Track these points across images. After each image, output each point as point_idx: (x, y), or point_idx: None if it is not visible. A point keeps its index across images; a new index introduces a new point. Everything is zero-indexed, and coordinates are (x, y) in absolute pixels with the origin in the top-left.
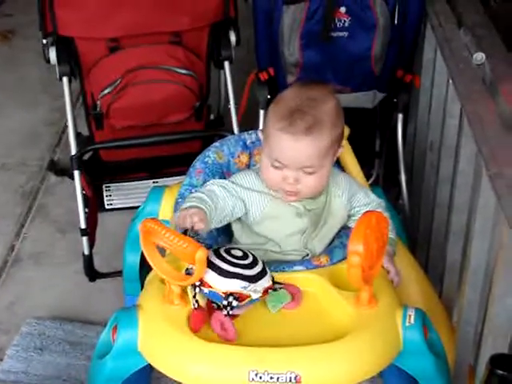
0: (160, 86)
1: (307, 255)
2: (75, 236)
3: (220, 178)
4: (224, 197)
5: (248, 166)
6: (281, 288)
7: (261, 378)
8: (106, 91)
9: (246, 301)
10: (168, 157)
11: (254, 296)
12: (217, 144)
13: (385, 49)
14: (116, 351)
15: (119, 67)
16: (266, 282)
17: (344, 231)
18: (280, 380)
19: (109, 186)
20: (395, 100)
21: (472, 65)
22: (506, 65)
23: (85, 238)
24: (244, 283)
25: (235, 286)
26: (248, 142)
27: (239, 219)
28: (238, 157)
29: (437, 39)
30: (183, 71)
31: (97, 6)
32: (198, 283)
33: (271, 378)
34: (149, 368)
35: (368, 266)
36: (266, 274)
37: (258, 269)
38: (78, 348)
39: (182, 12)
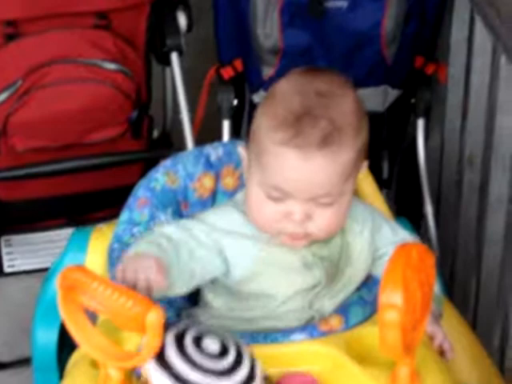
0: (79, 88)
1: (312, 318)
2: None
3: (174, 212)
4: (191, 248)
5: (214, 193)
6: None
7: None
8: (1, 98)
9: None
10: (94, 194)
11: None
12: (167, 163)
13: (399, 25)
14: None
15: (19, 63)
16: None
17: (363, 281)
18: None
19: (9, 240)
20: (413, 101)
21: None
22: None
23: None
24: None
25: None
26: (213, 158)
27: None
28: (199, 180)
29: (474, 3)
30: (112, 66)
31: None
32: None
33: None
34: None
35: (411, 324)
36: (253, 379)
37: (242, 373)
38: None
39: None
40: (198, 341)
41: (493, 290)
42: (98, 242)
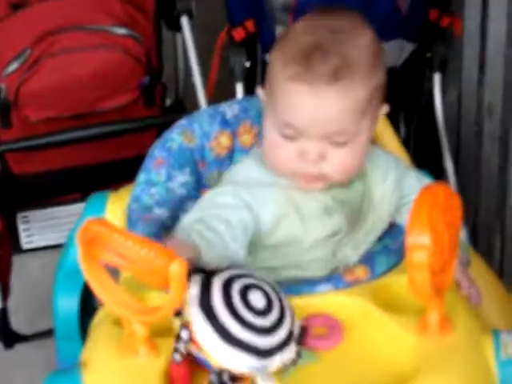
0: (89, 55)
1: (337, 269)
2: None
3: (191, 171)
4: (226, 219)
5: (231, 152)
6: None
7: None
8: (11, 68)
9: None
10: (108, 165)
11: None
12: (183, 122)
13: None
14: None
15: (27, 31)
16: (287, 354)
17: (387, 230)
18: None
19: (26, 217)
20: (428, 55)
21: None
22: None
23: None
24: (254, 362)
25: (241, 363)
26: (229, 116)
27: None
28: (216, 139)
29: None
30: (121, 31)
31: None
32: (184, 336)
33: None
34: None
35: (439, 266)
36: (290, 340)
37: (281, 334)
38: None
39: None
40: (244, 292)
41: None
42: (116, 205)
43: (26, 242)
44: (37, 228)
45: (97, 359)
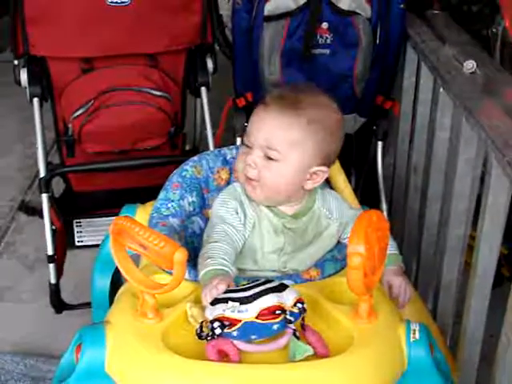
0: (134, 108)
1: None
2: (43, 272)
3: (197, 194)
4: (232, 225)
5: (228, 183)
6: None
7: None
8: (77, 113)
9: (238, 325)
10: (142, 189)
11: (245, 316)
12: (195, 158)
13: (367, 69)
14: (80, 373)
15: (92, 88)
16: (266, 302)
17: (335, 245)
18: None
19: (79, 222)
20: (374, 128)
21: (463, 73)
22: (498, 72)
23: (52, 266)
24: (225, 305)
25: (218, 310)
26: (228, 157)
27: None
28: (218, 172)
29: (421, 54)
30: (158, 93)
31: (70, 25)
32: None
33: None
34: None
35: (370, 269)
36: (287, 287)
37: (257, 289)
38: (40, 383)
39: (159, 34)
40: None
41: (429, 266)
42: (142, 214)
43: (78, 240)
44: (87, 231)
45: (117, 318)
